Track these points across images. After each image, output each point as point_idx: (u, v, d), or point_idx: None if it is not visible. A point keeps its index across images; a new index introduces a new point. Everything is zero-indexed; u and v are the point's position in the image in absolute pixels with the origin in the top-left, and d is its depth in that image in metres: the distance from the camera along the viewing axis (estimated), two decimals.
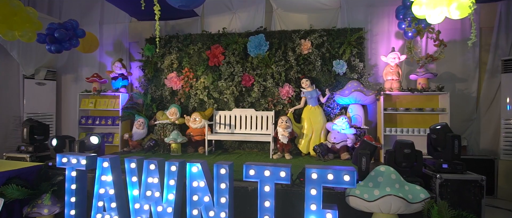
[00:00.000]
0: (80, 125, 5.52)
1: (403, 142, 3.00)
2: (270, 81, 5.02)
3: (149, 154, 4.85)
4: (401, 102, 4.61)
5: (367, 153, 3.03)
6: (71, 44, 4.83)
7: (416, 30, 3.74)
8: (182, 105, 5.40)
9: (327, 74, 4.94)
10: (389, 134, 4.43)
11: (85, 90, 5.54)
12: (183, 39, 5.44)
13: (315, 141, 4.67)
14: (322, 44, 4.94)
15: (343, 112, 4.82)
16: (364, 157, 3.04)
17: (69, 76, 6.26)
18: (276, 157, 4.50)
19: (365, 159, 3.03)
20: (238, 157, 4.61)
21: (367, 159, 3.01)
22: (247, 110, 5.09)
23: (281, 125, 4.47)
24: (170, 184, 2.76)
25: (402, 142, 3.01)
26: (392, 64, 4.44)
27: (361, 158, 3.06)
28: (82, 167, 2.96)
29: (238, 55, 5.15)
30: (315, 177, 2.42)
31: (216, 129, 5.18)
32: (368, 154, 3.03)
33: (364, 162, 3.04)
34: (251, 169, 2.55)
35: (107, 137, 5.48)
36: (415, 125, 4.49)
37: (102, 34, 6.04)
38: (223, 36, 5.29)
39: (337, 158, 4.48)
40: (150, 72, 5.52)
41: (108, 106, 5.46)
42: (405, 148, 2.95)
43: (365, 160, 3.03)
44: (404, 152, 2.93)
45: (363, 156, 3.05)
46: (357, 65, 4.81)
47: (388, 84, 4.47)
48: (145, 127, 5.24)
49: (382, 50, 4.96)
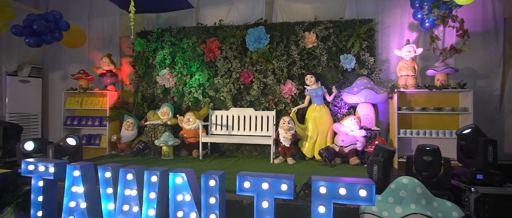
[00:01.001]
0: (65, 126, 5.11)
1: (423, 147, 2.56)
2: (271, 78, 4.58)
3: (138, 158, 4.43)
4: (416, 101, 4.15)
5: (380, 161, 2.59)
6: (53, 38, 4.43)
7: (439, 17, 3.27)
8: (175, 104, 4.98)
9: (333, 70, 4.49)
10: (404, 136, 3.97)
11: (71, 88, 5.13)
12: (176, 33, 5.02)
13: (321, 144, 4.22)
14: (328, 37, 4.49)
15: (351, 112, 4.37)
16: (375, 165, 2.62)
17: (57, 73, 5.85)
18: (277, 162, 4.07)
19: (377, 168, 2.60)
20: (235, 161, 4.17)
21: (379, 168, 2.58)
22: (246, 110, 4.66)
23: (283, 126, 4.03)
24: (151, 197, 2.32)
25: (422, 147, 2.57)
26: (407, 58, 3.98)
27: (372, 166, 2.63)
28: (50, 176, 2.54)
29: (236, 49, 4.72)
30: (323, 191, 1.97)
31: (212, 130, 4.75)
32: (381, 161, 2.59)
33: (375, 171, 2.60)
34: (246, 180, 2.11)
35: (94, 138, 5.06)
36: (433, 126, 4.03)
37: (91, 29, 5.63)
38: (219, 29, 4.86)
39: (345, 163, 4.04)
40: (140, 68, 5.10)
41: (95, 105, 5.05)
42: (425, 154, 2.51)
43: (377, 169, 2.60)
44: (424, 159, 2.50)
45: (375, 163, 2.62)
46: (367, 60, 4.36)
47: (402, 81, 4.01)
48: (135, 128, 4.83)
49: (394, 43, 4.50)
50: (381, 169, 2.59)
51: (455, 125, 4.02)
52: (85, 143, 5.01)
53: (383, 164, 2.61)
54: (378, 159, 2.64)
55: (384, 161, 2.63)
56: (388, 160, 2.66)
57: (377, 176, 2.61)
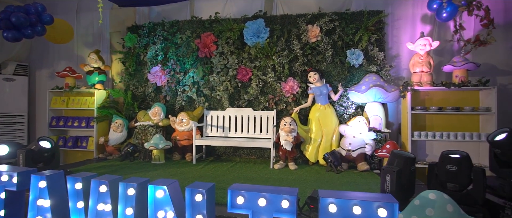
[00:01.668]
0: (50, 127, 4.76)
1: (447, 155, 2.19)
2: (270, 75, 4.21)
3: (126, 162, 4.08)
4: (431, 100, 3.77)
5: (394, 171, 2.23)
6: (35, 32, 4.07)
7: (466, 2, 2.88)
8: (168, 104, 4.62)
9: (339, 67, 4.12)
10: (418, 139, 3.59)
11: (56, 87, 4.78)
12: (169, 27, 4.66)
13: (325, 147, 3.85)
14: (333, 31, 4.12)
15: (359, 112, 4.00)
16: (388, 175, 2.25)
17: (44, 71, 5.51)
18: (277, 167, 3.70)
19: (390, 178, 2.24)
20: (232, 166, 3.81)
21: (393, 179, 2.22)
22: (244, 109, 4.29)
23: (284, 128, 3.66)
24: (127, 213, 1.96)
25: (446, 155, 2.20)
26: (422, 52, 3.60)
27: (384, 176, 2.27)
28: (13, 187, 2.19)
29: (233, 44, 4.35)
30: (333, 210, 1.61)
31: (207, 132, 4.39)
32: (395, 171, 2.23)
33: (388, 182, 2.24)
34: (239, 195, 1.75)
35: (82, 141, 4.71)
36: (450, 128, 3.64)
37: (80, 23, 5.29)
38: (215, 23, 4.50)
39: (353, 168, 3.66)
40: (131, 65, 4.75)
41: (81, 105, 4.69)
42: (449, 163, 2.14)
43: (389, 180, 2.24)
44: (447, 169, 2.13)
45: (388, 173, 2.26)
46: (376, 55, 3.98)
47: (416, 78, 3.63)
48: (124, 130, 4.47)
49: (405, 37, 4.13)
50: (395, 180, 2.22)
51: (474, 126, 3.64)
52: (71, 145, 4.66)
53: (397, 174, 2.25)
54: (392, 167, 2.28)
55: (399, 170, 2.27)
56: (405, 169, 2.29)
57: (389, 188, 2.25)
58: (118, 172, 3.46)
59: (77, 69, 4.90)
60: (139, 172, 3.46)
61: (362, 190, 2.75)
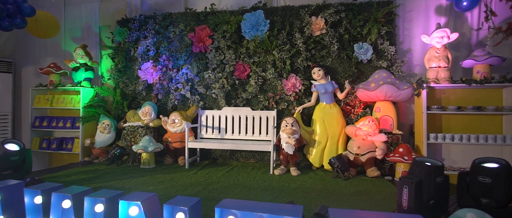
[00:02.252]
0: (33, 128, 4.43)
1: (479, 164, 1.83)
2: (271, 72, 3.86)
3: (113, 166, 3.74)
4: (448, 98, 3.42)
5: (412, 182, 1.89)
6: (13, 24, 3.73)
7: None
8: (160, 103, 4.28)
9: (346, 62, 3.77)
10: (434, 142, 3.23)
11: (40, 84, 4.44)
12: (161, 20, 4.32)
13: (331, 150, 3.50)
14: (339, 23, 3.77)
15: (367, 112, 3.64)
16: (406, 187, 1.91)
17: (30, 68, 5.17)
18: (278, 173, 3.35)
19: (407, 191, 1.90)
20: (228, 171, 3.46)
21: (410, 191, 1.88)
22: (242, 109, 3.94)
23: (285, 130, 3.31)
24: None
25: (478, 163, 1.84)
26: (439, 46, 3.24)
27: (401, 188, 1.94)
28: None
29: (230, 38, 4.01)
30: None
31: (202, 134, 4.04)
32: (413, 183, 1.89)
33: (405, 196, 1.91)
34: (230, 215, 1.41)
35: (67, 142, 4.37)
36: (469, 130, 3.29)
37: (68, 17, 4.96)
38: (211, 15, 4.15)
39: (362, 173, 3.31)
40: (120, 61, 4.40)
41: (67, 104, 4.35)
42: (481, 174, 1.79)
43: (406, 194, 1.90)
44: (480, 181, 1.78)
45: (405, 184, 1.92)
46: (386, 49, 3.63)
47: (432, 74, 3.27)
48: (112, 131, 4.13)
49: (418, 30, 3.78)
50: (414, 193, 1.87)
51: (497, 127, 3.28)
52: (56, 147, 4.33)
53: (416, 185, 1.90)
54: (411, 178, 1.93)
55: (419, 181, 1.92)
56: (428, 179, 1.93)
57: (407, 203, 1.90)
58: (101, 178, 3.12)
59: (63, 66, 4.56)
60: (123, 178, 3.12)
61: (376, 201, 2.40)
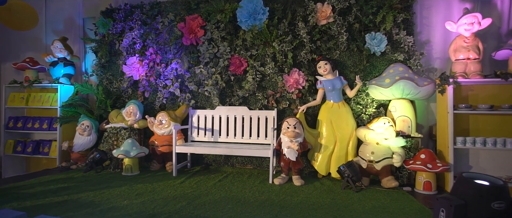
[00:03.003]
0: (7, 129, 4.00)
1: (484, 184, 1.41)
2: (270, 66, 3.41)
3: (91, 172, 3.30)
4: (476, 96, 2.95)
5: (452, 204, 1.50)
6: None
7: None
8: (146, 101, 3.84)
9: (356, 55, 3.31)
10: (461, 146, 2.75)
11: (14, 81, 4.01)
12: (149, 9, 3.88)
13: (340, 156, 3.04)
14: (348, 10, 3.31)
15: (381, 112, 3.18)
16: (443, 211, 1.53)
17: (9, 65, 4.74)
18: (278, 182, 2.89)
19: (444, 216, 1.50)
20: (221, 180, 3.00)
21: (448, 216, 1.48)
22: (237, 109, 3.50)
23: (286, 132, 2.85)
24: None
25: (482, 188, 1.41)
26: (467, 34, 2.77)
27: (438, 210, 1.53)
28: None
29: (224, 29, 3.56)
30: None
31: (193, 136, 3.60)
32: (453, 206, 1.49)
33: None
34: None
35: (44, 146, 3.93)
36: (502, 133, 2.81)
37: (49, 8, 4.56)
38: (203, 3, 3.72)
39: (376, 183, 2.85)
40: (104, 55, 3.97)
41: (43, 103, 3.92)
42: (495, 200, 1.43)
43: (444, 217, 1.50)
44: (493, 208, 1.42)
45: (442, 207, 1.53)
46: (402, 40, 3.16)
47: (459, 67, 2.80)
48: (93, 133, 3.70)
49: (438, 18, 3.32)
50: None
51: None
52: (32, 151, 3.89)
53: (458, 209, 1.47)
54: (452, 199, 1.49)
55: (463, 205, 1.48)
56: (478, 204, 1.49)
57: None
58: (72, 188, 2.68)
59: (41, 61, 4.13)
60: (97, 188, 2.67)
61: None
